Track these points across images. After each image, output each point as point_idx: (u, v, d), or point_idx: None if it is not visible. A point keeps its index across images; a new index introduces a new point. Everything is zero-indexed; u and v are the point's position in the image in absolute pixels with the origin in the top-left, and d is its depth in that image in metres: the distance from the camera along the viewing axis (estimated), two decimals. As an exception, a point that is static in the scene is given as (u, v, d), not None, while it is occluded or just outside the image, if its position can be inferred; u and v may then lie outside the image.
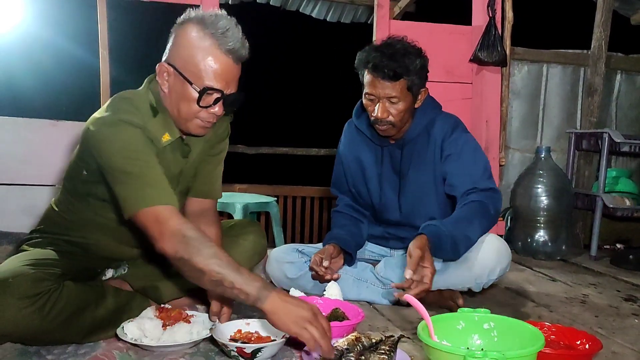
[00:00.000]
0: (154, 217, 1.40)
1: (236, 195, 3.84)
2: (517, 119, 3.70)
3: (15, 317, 1.35)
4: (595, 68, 3.55)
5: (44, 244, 1.66)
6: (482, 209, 1.88)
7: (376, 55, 1.94)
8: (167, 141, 1.59)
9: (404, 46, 1.97)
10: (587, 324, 1.96)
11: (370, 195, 2.20)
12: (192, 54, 1.49)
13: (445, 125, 2.07)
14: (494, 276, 1.97)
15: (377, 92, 1.95)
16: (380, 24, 3.12)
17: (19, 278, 1.39)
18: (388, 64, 1.91)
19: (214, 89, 1.51)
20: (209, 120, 1.57)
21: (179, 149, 1.67)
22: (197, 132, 1.61)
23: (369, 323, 1.83)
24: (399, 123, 2.01)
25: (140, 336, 1.51)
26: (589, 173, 3.67)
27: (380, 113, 1.97)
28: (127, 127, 1.49)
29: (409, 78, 1.94)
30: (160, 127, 1.58)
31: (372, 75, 1.95)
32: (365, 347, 1.36)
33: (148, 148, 1.51)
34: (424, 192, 2.11)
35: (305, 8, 5.02)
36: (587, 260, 3.18)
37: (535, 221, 3.24)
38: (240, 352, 1.40)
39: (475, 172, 1.98)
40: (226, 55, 1.50)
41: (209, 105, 1.53)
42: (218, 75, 1.50)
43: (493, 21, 3.12)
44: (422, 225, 1.82)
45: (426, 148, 2.08)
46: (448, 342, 1.36)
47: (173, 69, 1.53)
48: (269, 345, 1.42)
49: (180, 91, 1.53)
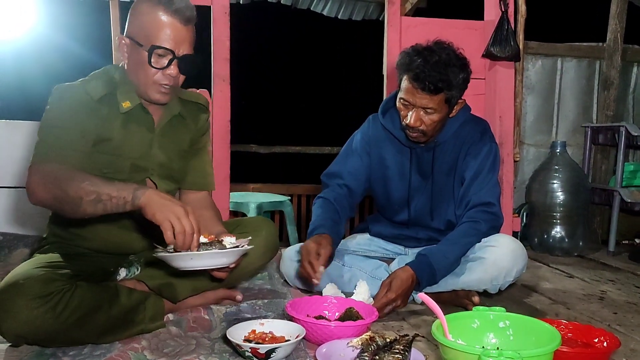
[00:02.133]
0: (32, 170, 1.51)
1: (250, 194, 3.85)
2: (531, 113, 3.66)
3: (28, 318, 1.38)
4: (611, 61, 3.50)
5: (53, 250, 1.69)
6: (473, 230, 1.95)
7: (419, 63, 1.86)
8: (127, 107, 1.67)
9: (448, 56, 1.89)
10: (605, 321, 1.94)
11: (390, 195, 2.16)
12: (141, 21, 1.61)
13: (474, 131, 2.08)
14: (511, 278, 1.96)
15: (414, 100, 1.90)
16: (392, 20, 3.10)
17: (29, 279, 1.41)
18: (430, 75, 1.84)
19: (162, 48, 1.58)
20: (166, 82, 1.64)
21: (143, 119, 1.72)
22: (158, 99, 1.67)
23: (383, 322, 1.83)
24: (431, 132, 1.97)
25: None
26: (605, 167, 3.63)
27: (413, 121, 1.92)
28: (66, 90, 1.63)
29: (449, 92, 1.89)
30: (122, 96, 1.67)
31: (412, 84, 1.88)
32: (380, 346, 1.36)
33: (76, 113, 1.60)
34: (447, 194, 2.10)
35: (316, 6, 5.01)
36: (604, 256, 3.14)
37: (552, 217, 3.20)
38: (255, 353, 1.39)
39: (482, 185, 2.01)
40: (172, 16, 1.59)
41: (163, 68, 1.61)
42: (166, 35, 1.59)
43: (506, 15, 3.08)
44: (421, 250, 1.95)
45: (454, 151, 2.08)
46: (463, 341, 1.35)
47: (129, 39, 1.64)
48: (283, 346, 1.41)
49: (136, 58, 1.62)
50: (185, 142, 1.85)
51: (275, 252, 2.03)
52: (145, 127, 1.73)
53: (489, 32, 3.03)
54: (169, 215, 1.38)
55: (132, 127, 1.69)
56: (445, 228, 2.11)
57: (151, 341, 1.56)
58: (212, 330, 1.67)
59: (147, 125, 1.73)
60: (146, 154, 1.73)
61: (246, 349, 1.40)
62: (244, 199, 3.50)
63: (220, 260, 1.47)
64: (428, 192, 2.11)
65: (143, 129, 1.72)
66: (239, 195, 3.69)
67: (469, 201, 2.02)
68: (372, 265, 2.14)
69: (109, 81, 1.68)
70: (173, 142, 1.80)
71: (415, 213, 2.15)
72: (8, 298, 1.39)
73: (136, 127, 1.70)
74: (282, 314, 1.77)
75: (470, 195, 2.02)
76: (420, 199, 2.13)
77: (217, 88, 2.69)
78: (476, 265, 1.94)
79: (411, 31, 3.09)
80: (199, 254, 1.42)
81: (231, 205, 3.13)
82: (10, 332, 1.41)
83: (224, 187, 2.73)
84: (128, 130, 1.68)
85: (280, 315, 1.77)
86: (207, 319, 1.73)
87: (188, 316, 1.72)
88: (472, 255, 1.97)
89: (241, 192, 3.94)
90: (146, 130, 1.73)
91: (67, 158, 1.54)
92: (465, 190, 2.04)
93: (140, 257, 1.83)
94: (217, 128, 2.73)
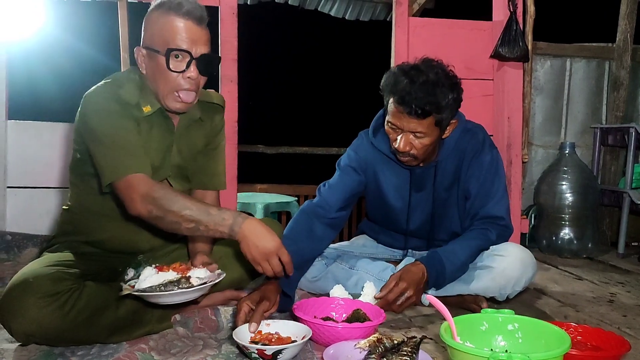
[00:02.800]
0: (126, 184, 1.51)
1: (257, 195, 3.86)
2: (540, 114, 3.64)
3: (36, 316, 1.39)
4: (621, 61, 3.48)
5: (62, 249, 1.70)
6: (483, 236, 1.93)
7: (405, 84, 1.75)
8: (148, 112, 1.65)
9: (437, 75, 1.77)
10: (615, 324, 1.92)
11: (387, 210, 2.12)
12: (155, 29, 1.60)
13: (474, 141, 1.99)
14: (519, 287, 1.95)
15: (402, 124, 1.80)
16: (399, 21, 3.09)
17: (39, 278, 1.44)
18: (416, 99, 1.72)
19: (178, 50, 1.58)
20: (188, 87, 1.62)
21: (163, 123, 1.72)
22: (178, 108, 1.66)
23: (391, 324, 1.82)
24: (422, 156, 1.88)
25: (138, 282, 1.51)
26: (615, 169, 3.60)
27: (402, 145, 1.82)
28: (106, 99, 1.59)
29: (439, 115, 1.78)
30: (142, 100, 1.65)
31: (398, 107, 1.77)
32: (387, 348, 1.35)
33: (126, 119, 1.59)
34: (449, 208, 2.07)
35: (324, 7, 5.01)
36: (614, 258, 3.12)
37: (560, 218, 3.18)
38: (261, 354, 1.39)
39: (489, 197, 1.97)
40: (184, 18, 1.58)
41: (182, 71, 1.59)
42: (181, 37, 1.58)
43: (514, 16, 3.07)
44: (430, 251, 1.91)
45: (454, 164, 2.01)
46: (471, 344, 1.34)
47: (145, 49, 1.63)
48: (290, 347, 1.41)
49: (154, 66, 1.61)
50: (200, 142, 1.85)
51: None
52: (165, 130, 1.73)
53: (498, 33, 3.01)
54: (259, 258, 1.50)
55: (154, 131, 1.70)
56: (449, 238, 2.06)
57: (158, 342, 1.56)
58: (219, 331, 1.68)
59: (168, 129, 1.73)
60: (165, 156, 1.74)
61: (253, 351, 1.40)
62: (251, 200, 3.50)
63: (185, 297, 1.51)
64: (429, 208, 2.07)
65: (164, 132, 1.73)
66: (246, 196, 3.70)
67: (475, 214, 1.98)
68: (379, 267, 2.13)
69: (137, 86, 1.67)
70: (189, 143, 1.81)
71: (415, 227, 2.12)
72: (17, 296, 1.41)
73: (157, 130, 1.71)
74: (289, 315, 1.77)
75: (477, 209, 1.98)
76: (421, 215, 2.09)
77: (225, 88, 2.70)
78: (484, 274, 1.93)
79: (419, 32, 3.08)
80: (164, 294, 1.46)
81: (238, 206, 3.13)
82: (19, 331, 1.42)
83: (231, 188, 2.73)
84: (150, 134, 1.68)
85: (287, 316, 1.76)
86: (214, 319, 1.73)
87: (195, 317, 1.72)
88: (480, 264, 1.95)
89: (248, 193, 3.94)
90: (166, 133, 1.73)
91: (143, 164, 1.55)
92: (471, 204, 1.99)
93: (149, 258, 1.83)
94: (225, 128, 2.72)
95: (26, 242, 2.74)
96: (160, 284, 1.46)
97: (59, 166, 3.01)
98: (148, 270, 1.53)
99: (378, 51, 4.24)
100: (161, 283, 1.47)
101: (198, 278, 1.52)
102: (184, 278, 1.50)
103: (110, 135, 1.55)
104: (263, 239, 1.49)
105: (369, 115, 2.23)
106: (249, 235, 1.48)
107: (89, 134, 1.58)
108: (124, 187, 1.51)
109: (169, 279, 1.48)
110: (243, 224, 1.48)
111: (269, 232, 1.51)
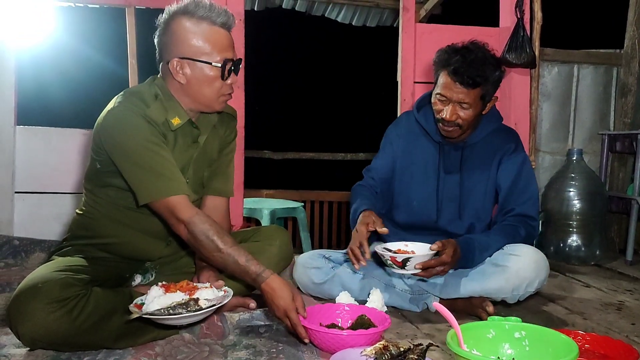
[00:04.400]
0: (167, 207, 1.58)
1: (263, 200, 3.86)
2: (547, 121, 3.62)
3: (44, 321, 1.40)
4: (629, 67, 3.46)
5: (73, 252, 1.71)
6: (514, 232, 2.01)
7: (457, 58, 1.95)
8: (177, 124, 1.68)
9: (484, 55, 1.99)
10: (623, 332, 1.91)
11: (412, 192, 2.17)
12: (196, 40, 1.63)
13: (508, 140, 2.14)
14: (532, 289, 1.96)
15: (451, 95, 1.97)
16: (406, 27, 3.10)
17: (48, 283, 1.44)
18: (468, 71, 1.93)
19: (230, 60, 1.66)
20: (230, 92, 1.73)
21: (189, 134, 1.74)
22: (222, 108, 1.76)
23: (397, 331, 1.81)
24: (465, 127, 2.03)
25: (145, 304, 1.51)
26: (623, 175, 3.57)
27: (449, 115, 1.99)
28: (136, 117, 1.59)
29: (485, 88, 1.97)
30: (170, 113, 1.67)
31: (450, 78, 1.96)
32: (394, 355, 1.35)
33: (157, 137, 1.60)
34: (477, 194, 2.12)
35: (331, 13, 5.03)
36: (622, 265, 3.09)
37: (568, 225, 3.16)
38: (393, 261, 1.80)
39: (524, 196, 2.07)
40: (222, 28, 1.67)
41: (233, 79, 1.69)
42: (226, 46, 1.66)
43: (521, 22, 3.07)
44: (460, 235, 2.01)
45: (485, 156, 2.12)
46: (478, 352, 1.33)
47: (185, 60, 1.63)
48: (415, 256, 1.78)
49: (201, 76, 1.65)
50: (215, 151, 1.87)
51: (290, 261, 2.03)
52: (192, 140, 1.76)
53: (505, 39, 3.01)
54: (279, 312, 1.58)
55: (180, 142, 1.72)
56: (466, 232, 2.10)
57: (164, 348, 1.56)
58: (225, 338, 1.68)
59: (194, 139, 1.76)
60: (187, 166, 1.75)
61: (387, 258, 1.80)
62: (257, 205, 3.51)
63: (193, 319, 1.53)
64: (456, 189, 2.13)
65: (189, 142, 1.75)
66: (252, 202, 3.71)
67: (511, 209, 2.06)
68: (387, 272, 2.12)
69: (161, 101, 1.67)
70: (206, 152, 1.82)
71: (433, 214, 2.14)
72: (26, 301, 1.42)
73: (182, 141, 1.73)
74: None
75: (513, 205, 2.07)
76: (449, 195, 2.13)
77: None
78: (499, 272, 1.93)
79: (426, 38, 3.09)
80: (172, 318, 1.47)
81: (245, 212, 3.14)
82: (26, 335, 1.43)
83: (237, 193, 2.74)
84: (177, 146, 1.71)
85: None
86: (220, 326, 1.73)
87: (201, 323, 1.72)
88: (494, 262, 1.96)
89: (255, 198, 3.96)
90: (192, 143, 1.76)
91: (182, 185, 1.61)
92: (505, 198, 2.09)
93: (156, 264, 1.84)
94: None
95: (33, 247, 2.75)
96: (168, 307, 1.46)
97: (67, 171, 3.03)
98: (155, 290, 1.52)
99: (384, 57, 4.25)
100: (169, 306, 1.46)
101: (206, 300, 1.53)
102: (192, 300, 1.50)
103: (144, 156, 1.57)
104: (280, 298, 1.56)
105: (374, 121, 2.24)
106: (269, 292, 1.57)
107: (117, 151, 1.59)
108: (164, 207, 1.59)
109: (177, 302, 1.48)
110: (263, 284, 1.58)
111: (286, 288, 1.58)
